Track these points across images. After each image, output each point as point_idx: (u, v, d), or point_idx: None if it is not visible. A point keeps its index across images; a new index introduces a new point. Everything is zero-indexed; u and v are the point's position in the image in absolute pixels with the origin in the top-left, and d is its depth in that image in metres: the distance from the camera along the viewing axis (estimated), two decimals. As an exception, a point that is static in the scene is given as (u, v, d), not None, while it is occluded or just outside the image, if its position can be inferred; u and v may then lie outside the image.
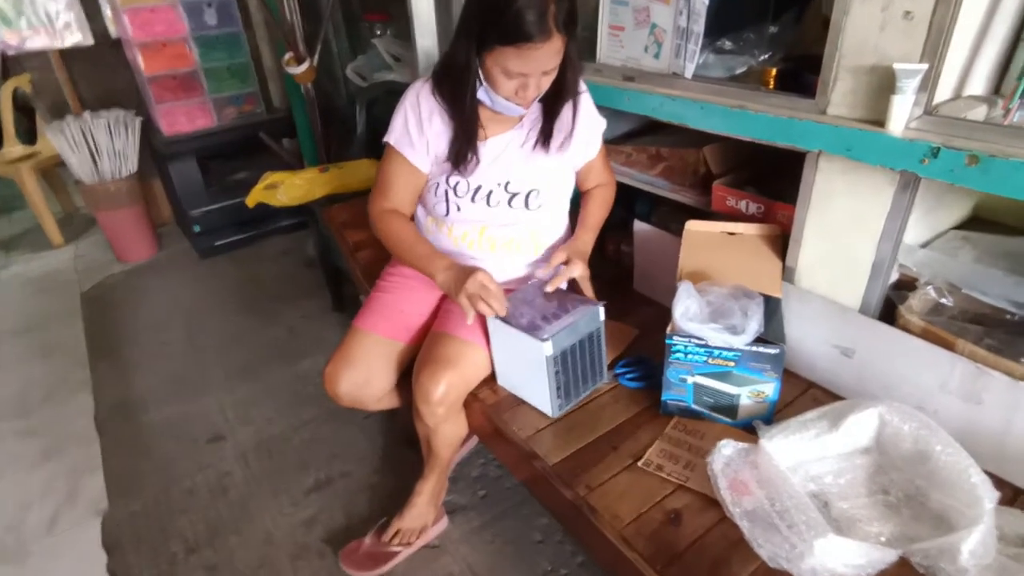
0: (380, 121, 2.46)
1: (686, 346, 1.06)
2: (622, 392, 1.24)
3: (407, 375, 1.32)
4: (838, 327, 1.13)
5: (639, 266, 1.55)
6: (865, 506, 0.93)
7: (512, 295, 1.21)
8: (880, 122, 0.95)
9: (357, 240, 1.73)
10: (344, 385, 1.31)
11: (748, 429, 1.11)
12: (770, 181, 1.39)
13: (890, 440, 0.96)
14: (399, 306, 1.37)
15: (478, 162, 1.21)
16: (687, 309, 1.03)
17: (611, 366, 1.29)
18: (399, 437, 1.76)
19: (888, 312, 1.09)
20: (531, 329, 1.09)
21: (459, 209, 1.26)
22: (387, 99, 2.23)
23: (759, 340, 1.01)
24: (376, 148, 2.31)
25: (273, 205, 1.95)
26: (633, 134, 1.69)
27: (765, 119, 1.08)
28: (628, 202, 1.65)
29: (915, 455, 0.93)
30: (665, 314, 1.48)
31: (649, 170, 1.58)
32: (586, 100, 1.26)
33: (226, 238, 2.96)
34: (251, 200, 2.02)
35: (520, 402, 1.22)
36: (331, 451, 1.76)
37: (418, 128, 1.19)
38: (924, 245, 1.09)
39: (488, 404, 1.23)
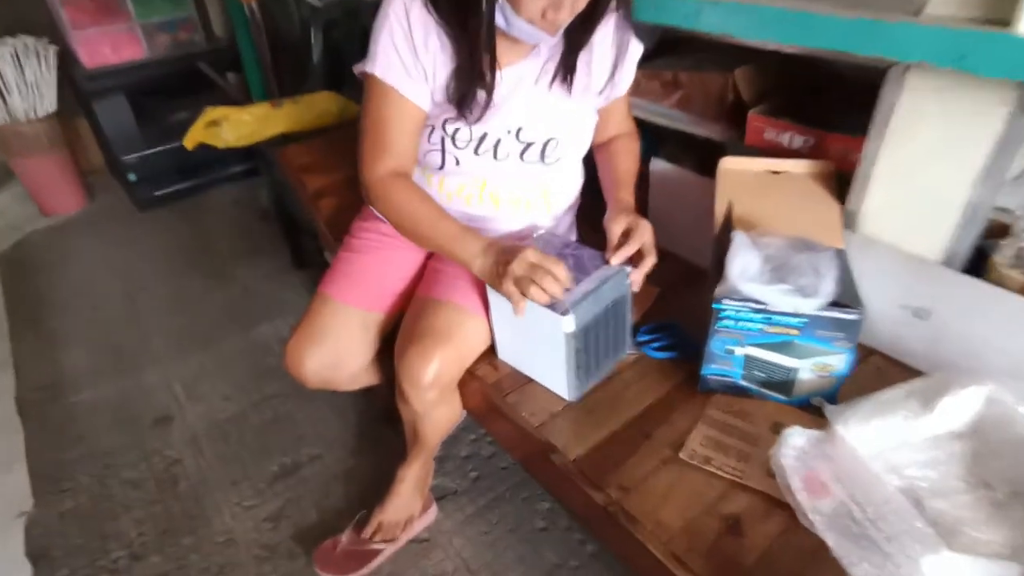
0: (340, 48, 2.14)
1: (738, 311, 0.86)
2: (648, 364, 1.03)
3: (388, 344, 1.10)
4: (911, 283, 0.94)
5: (655, 212, 1.33)
6: (967, 505, 0.76)
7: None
8: (1004, 21, 0.73)
9: (319, 186, 1.46)
10: (311, 364, 1.08)
11: (803, 407, 0.93)
12: (807, 110, 1.17)
13: (995, 424, 0.78)
14: (376, 269, 1.12)
15: (489, 105, 0.94)
16: (745, 267, 0.82)
17: (633, 333, 1.09)
18: (377, 413, 1.54)
19: (973, 265, 0.91)
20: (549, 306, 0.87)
21: (458, 163, 1.00)
22: (347, 21, 1.91)
23: (832, 303, 0.82)
24: (336, 79, 2.00)
25: (217, 146, 1.65)
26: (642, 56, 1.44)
27: (842, 24, 0.84)
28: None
29: (1029, 442, 0.75)
30: (689, 269, 1.28)
31: (663, 100, 1.34)
32: (622, 21, 0.98)
33: (167, 187, 2.62)
34: (190, 141, 1.71)
35: (527, 379, 1.01)
36: (297, 431, 1.53)
37: (410, 49, 0.90)
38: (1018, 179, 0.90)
39: (488, 383, 1.02)
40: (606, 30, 0.97)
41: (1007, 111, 0.78)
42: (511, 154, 1.00)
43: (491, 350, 1.05)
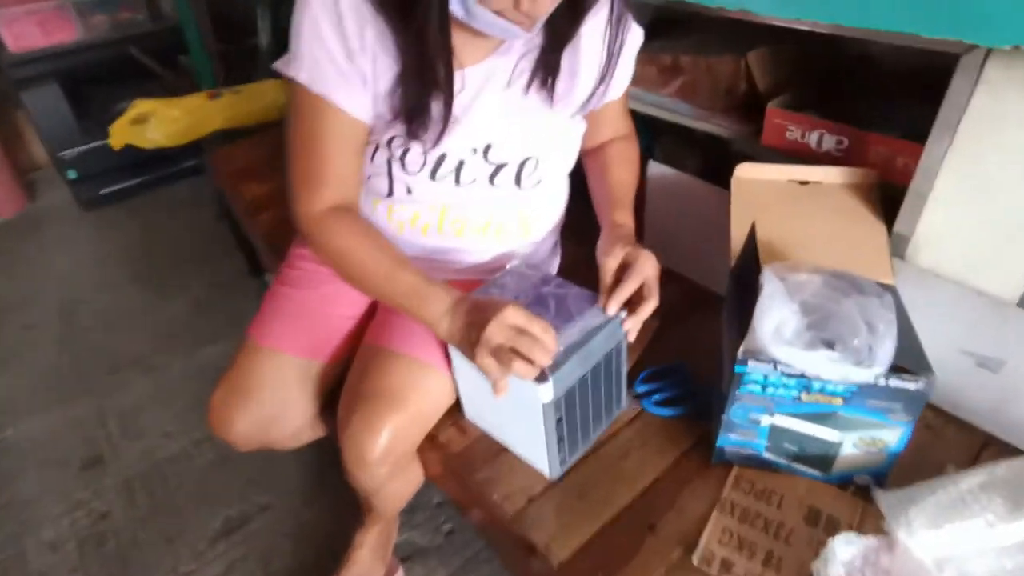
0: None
1: (767, 376, 0.66)
2: (649, 424, 0.84)
3: (337, 392, 0.90)
4: (978, 326, 0.75)
5: (652, 224, 1.13)
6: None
7: (483, 288, 0.78)
8: None
9: (257, 196, 1.25)
10: (241, 426, 0.89)
11: (844, 485, 0.74)
12: (835, 102, 0.97)
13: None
14: (317, 308, 0.92)
15: (448, 120, 0.72)
16: (780, 324, 0.62)
17: (628, 381, 0.89)
18: (337, 456, 1.35)
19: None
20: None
21: (410, 191, 0.79)
22: (298, -3, 1.67)
23: (892, 368, 0.62)
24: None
25: (143, 147, 1.42)
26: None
27: (903, -3, 0.64)
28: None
29: None
30: (693, 293, 1.06)
31: (661, 88, 1.13)
32: (619, 3, 0.75)
33: (114, 185, 2.38)
34: (116, 139, 1.49)
35: (501, 448, 0.82)
36: (246, 475, 1.34)
37: (342, 46, 0.68)
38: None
39: (453, 452, 0.82)
40: (598, 18, 0.75)
41: None
42: (478, 179, 0.79)
43: (457, 405, 0.86)
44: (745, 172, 0.88)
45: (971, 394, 0.78)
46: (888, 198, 0.82)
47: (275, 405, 0.90)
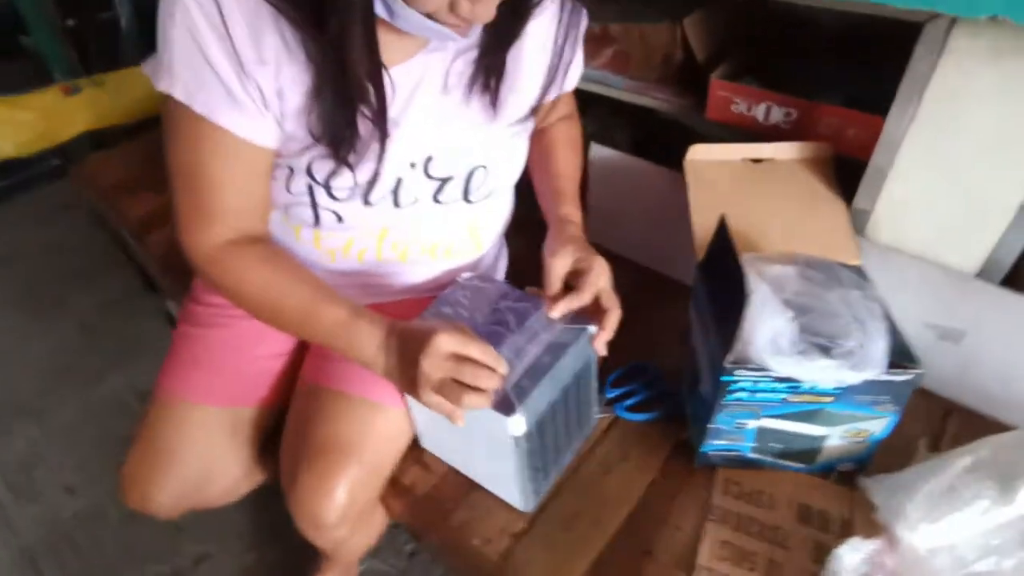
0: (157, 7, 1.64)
1: (756, 382, 0.63)
2: (626, 432, 0.80)
3: (274, 434, 0.80)
4: (939, 299, 0.75)
5: (595, 208, 1.07)
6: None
7: (432, 306, 0.69)
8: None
9: (146, 212, 1.07)
10: (163, 497, 0.76)
11: (827, 474, 0.73)
12: (777, 71, 0.93)
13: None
14: (238, 347, 0.79)
15: (384, 138, 0.60)
16: (775, 335, 0.57)
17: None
18: (279, 486, 1.23)
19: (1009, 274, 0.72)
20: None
21: (340, 219, 0.67)
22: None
23: (880, 363, 0.60)
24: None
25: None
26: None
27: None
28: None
29: None
30: (643, 277, 1.02)
31: (591, 59, 1.05)
32: None
33: (-42, 197, 2.03)
34: (-52, 152, 1.23)
35: (471, 484, 0.75)
36: (174, 525, 1.19)
37: (231, 60, 0.54)
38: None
39: (420, 495, 0.74)
40: (546, 13, 0.65)
41: (1095, 84, 0.56)
42: (420, 198, 0.68)
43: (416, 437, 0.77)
44: (697, 154, 0.83)
45: (934, 365, 0.78)
46: (841, 171, 0.80)
47: (202, 465, 0.77)
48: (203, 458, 0.77)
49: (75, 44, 1.69)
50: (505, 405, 0.58)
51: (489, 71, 0.64)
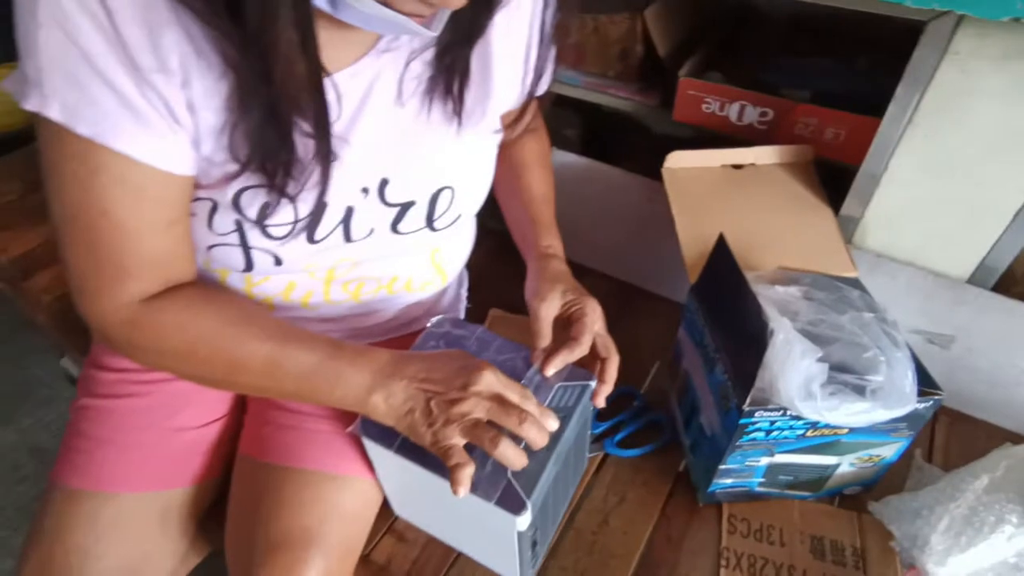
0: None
1: (772, 423, 0.57)
2: (620, 470, 0.73)
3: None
4: (931, 307, 0.73)
5: (558, 217, 0.98)
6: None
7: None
8: None
9: (21, 253, 0.88)
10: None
11: (832, 499, 0.70)
12: (743, 66, 0.88)
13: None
14: (155, 423, 0.65)
15: (328, 159, 0.48)
16: (807, 378, 0.51)
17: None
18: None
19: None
20: (489, 486, 0.50)
21: (279, 262, 0.54)
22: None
23: (902, 392, 0.56)
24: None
25: None
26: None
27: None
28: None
29: None
30: (617, 289, 0.94)
31: (542, 54, 0.97)
32: None
33: None
34: None
35: (451, 549, 0.66)
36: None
37: (124, 66, 0.40)
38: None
39: (397, 572, 0.64)
40: (519, 6, 0.54)
41: (1104, 87, 0.54)
42: (376, 229, 0.56)
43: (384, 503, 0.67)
44: (676, 161, 0.76)
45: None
46: (827, 178, 0.76)
47: (125, 565, 0.63)
48: (126, 557, 0.63)
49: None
50: (512, 500, 0.49)
51: (451, 73, 0.52)
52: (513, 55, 0.57)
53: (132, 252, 0.47)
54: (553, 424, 0.50)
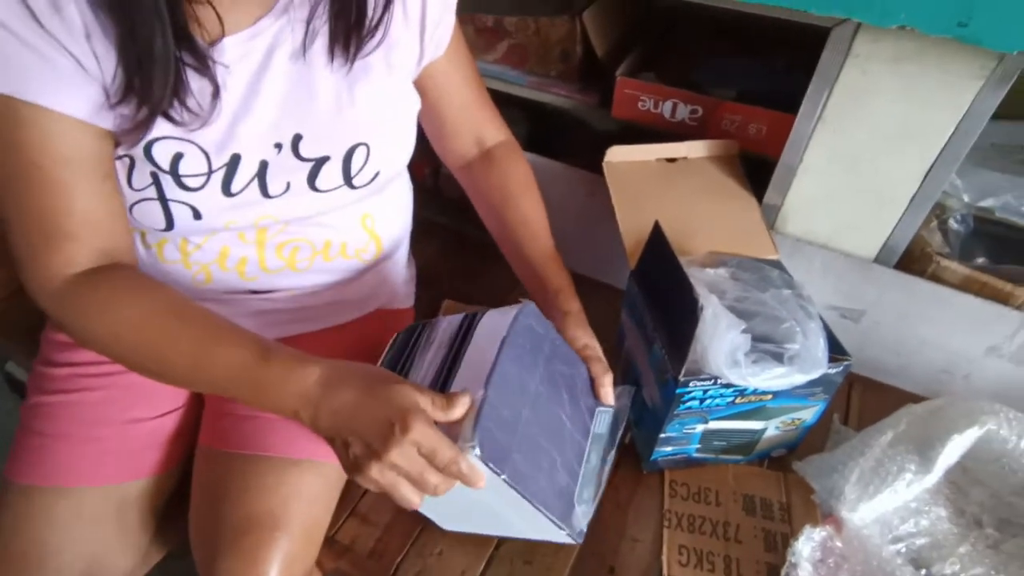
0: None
1: (705, 391, 0.63)
2: (569, 447, 0.77)
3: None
4: (843, 285, 0.80)
5: (504, 210, 1.03)
6: (970, 559, 0.67)
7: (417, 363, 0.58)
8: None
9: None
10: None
11: (761, 462, 0.77)
12: (672, 64, 0.95)
13: (975, 453, 0.69)
14: (110, 416, 0.66)
15: (217, 84, 0.50)
16: (734, 347, 0.57)
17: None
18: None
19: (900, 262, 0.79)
20: (553, 504, 0.52)
21: (198, 215, 0.56)
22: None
23: (817, 359, 0.63)
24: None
25: None
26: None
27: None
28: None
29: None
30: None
31: (485, 53, 1.01)
32: None
33: None
34: None
35: (416, 524, 0.69)
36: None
37: (26, 21, 0.43)
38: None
39: (361, 552, 0.67)
40: None
41: (979, 85, 0.62)
42: (293, 182, 0.58)
43: (347, 487, 0.70)
44: (615, 155, 0.82)
45: (837, 343, 0.85)
46: (749, 169, 0.83)
47: (81, 564, 0.63)
48: (86, 551, 0.64)
49: None
50: (573, 523, 0.54)
51: (340, 18, 0.54)
52: (409, 12, 0.58)
53: (65, 211, 0.49)
54: (480, 484, 0.47)
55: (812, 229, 0.79)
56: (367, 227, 0.69)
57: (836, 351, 0.64)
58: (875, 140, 0.69)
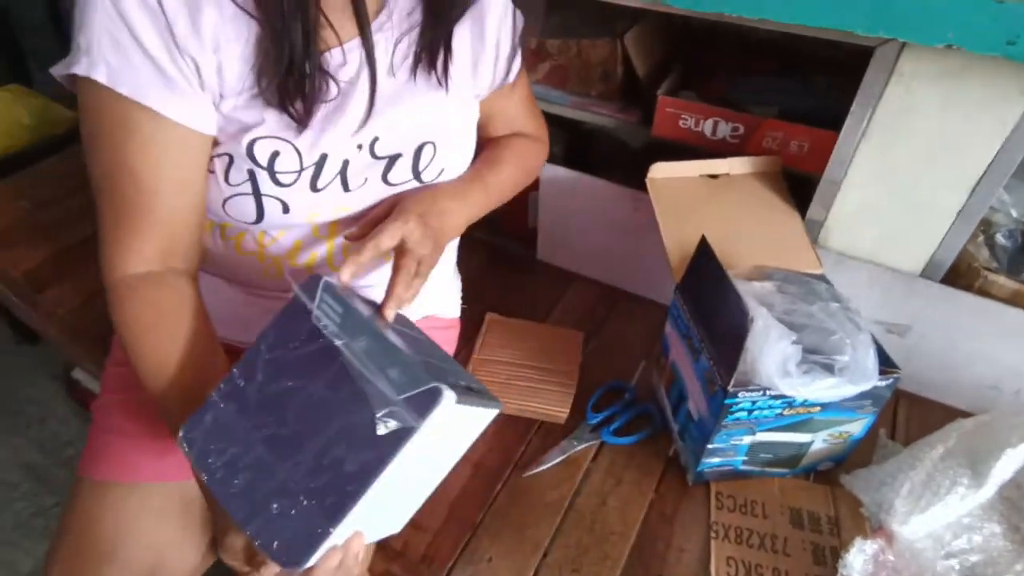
0: (7, 13, 1.41)
1: (753, 403, 0.64)
2: (615, 457, 0.79)
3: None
4: (888, 299, 0.81)
5: (547, 227, 1.05)
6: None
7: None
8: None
9: (33, 267, 0.91)
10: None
11: (808, 475, 0.77)
12: (715, 83, 0.97)
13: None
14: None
15: (326, 89, 0.56)
16: (785, 358, 0.58)
17: (577, 410, 0.83)
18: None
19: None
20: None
21: (286, 209, 0.60)
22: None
23: (866, 371, 0.63)
24: (17, 65, 1.31)
25: None
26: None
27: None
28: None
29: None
30: (604, 292, 1.00)
31: (528, 74, 1.04)
32: None
33: None
34: None
35: (468, 535, 0.71)
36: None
37: (161, 39, 0.49)
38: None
39: (414, 558, 0.69)
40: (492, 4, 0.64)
41: (1026, 102, 0.62)
42: (370, 178, 0.63)
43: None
44: (660, 172, 0.84)
45: (882, 358, 0.85)
46: (792, 185, 0.84)
47: (151, 556, 0.67)
48: (151, 548, 0.67)
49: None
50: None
51: (433, 49, 0.61)
52: (496, 36, 0.66)
53: (146, 209, 0.54)
54: None
55: (856, 244, 0.80)
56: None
57: (885, 364, 0.64)
58: (920, 156, 0.70)
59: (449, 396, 0.43)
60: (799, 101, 0.90)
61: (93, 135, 0.52)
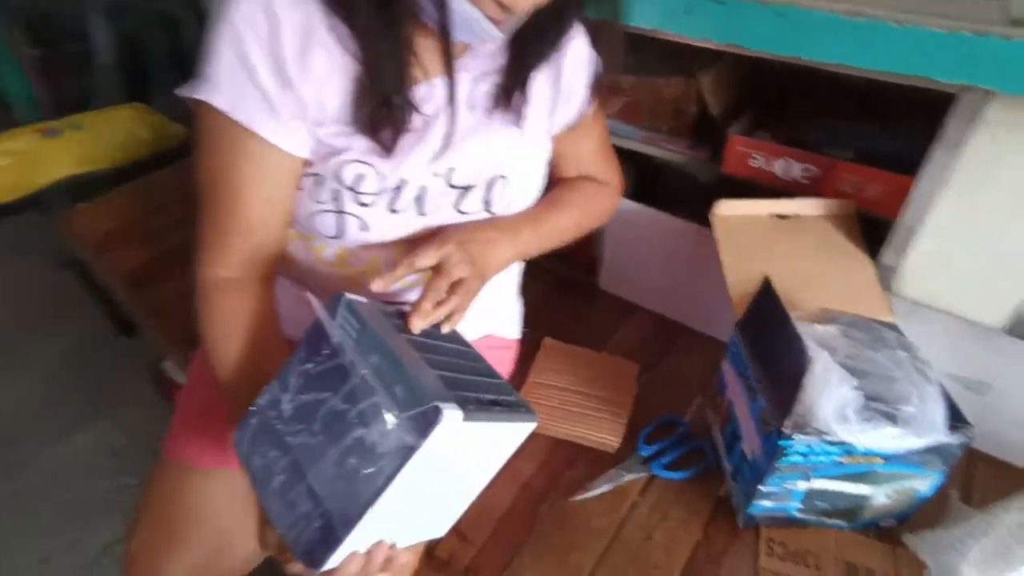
0: (141, 40, 1.58)
1: (810, 447, 0.62)
2: (664, 492, 0.78)
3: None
4: (964, 353, 0.77)
5: (610, 257, 1.07)
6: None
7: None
8: None
9: (137, 265, 1.00)
10: (177, 572, 0.70)
11: (867, 531, 0.73)
12: (790, 124, 0.96)
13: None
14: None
15: (408, 121, 0.61)
16: (843, 403, 0.57)
17: (628, 441, 0.83)
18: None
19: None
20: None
21: (365, 227, 0.65)
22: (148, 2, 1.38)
23: (934, 425, 0.61)
24: (140, 86, 1.46)
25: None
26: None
27: (919, 39, 0.61)
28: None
29: None
30: (663, 326, 1.00)
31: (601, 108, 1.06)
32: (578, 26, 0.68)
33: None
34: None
35: (514, 550, 0.72)
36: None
37: (275, 72, 0.56)
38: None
39: (459, 568, 0.71)
40: (580, 43, 0.68)
41: (1122, 155, 0.59)
42: (443, 206, 0.67)
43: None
44: (726, 209, 0.84)
45: (958, 415, 0.80)
46: (865, 228, 0.82)
47: (218, 537, 0.72)
48: (219, 530, 0.72)
49: (43, 74, 1.60)
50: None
51: (511, 91, 0.65)
52: (575, 83, 0.70)
53: (236, 217, 0.61)
54: None
55: (932, 293, 0.77)
56: None
57: (956, 419, 0.62)
58: (1006, 206, 0.67)
59: (452, 415, 0.43)
60: (876, 144, 0.88)
61: (207, 152, 0.60)
